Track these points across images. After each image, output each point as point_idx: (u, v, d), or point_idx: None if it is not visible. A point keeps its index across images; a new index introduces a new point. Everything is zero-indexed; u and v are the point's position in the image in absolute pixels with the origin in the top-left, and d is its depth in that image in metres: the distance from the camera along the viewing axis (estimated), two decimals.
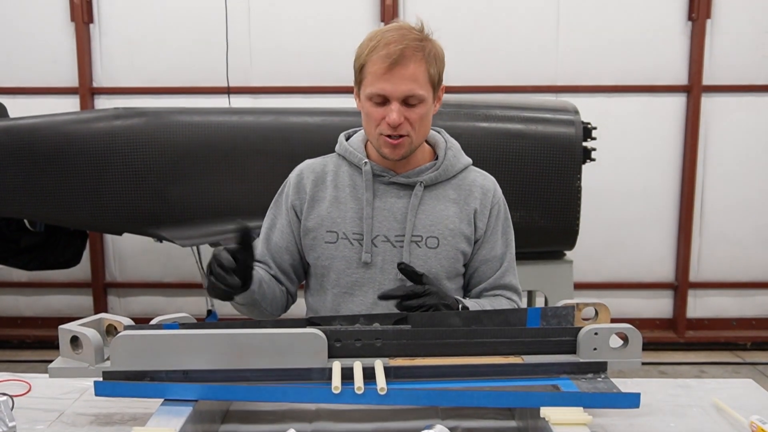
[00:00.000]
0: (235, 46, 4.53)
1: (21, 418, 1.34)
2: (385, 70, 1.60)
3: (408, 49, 1.60)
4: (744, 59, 4.64)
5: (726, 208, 4.79)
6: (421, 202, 1.74)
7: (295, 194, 1.80)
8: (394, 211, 1.74)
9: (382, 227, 1.73)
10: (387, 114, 1.63)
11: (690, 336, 4.84)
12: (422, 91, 1.63)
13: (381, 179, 1.76)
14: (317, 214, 1.77)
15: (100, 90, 4.71)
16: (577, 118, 3.20)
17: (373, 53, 1.62)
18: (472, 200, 1.78)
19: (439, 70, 1.69)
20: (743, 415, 1.39)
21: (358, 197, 1.76)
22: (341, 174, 1.79)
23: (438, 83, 1.71)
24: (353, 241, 1.74)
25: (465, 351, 1.36)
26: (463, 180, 1.80)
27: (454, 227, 1.75)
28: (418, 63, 1.61)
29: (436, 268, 1.73)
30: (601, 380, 1.31)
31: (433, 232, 1.73)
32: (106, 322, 1.37)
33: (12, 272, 4.61)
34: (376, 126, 1.67)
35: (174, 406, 1.24)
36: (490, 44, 4.62)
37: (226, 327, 1.33)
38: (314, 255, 1.78)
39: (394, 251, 1.73)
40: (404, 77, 1.60)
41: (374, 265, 1.73)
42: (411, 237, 1.72)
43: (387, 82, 1.61)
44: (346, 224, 1.74)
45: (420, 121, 1.66)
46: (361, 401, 1.24)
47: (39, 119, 3.39)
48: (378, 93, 1.62)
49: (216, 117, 3.34)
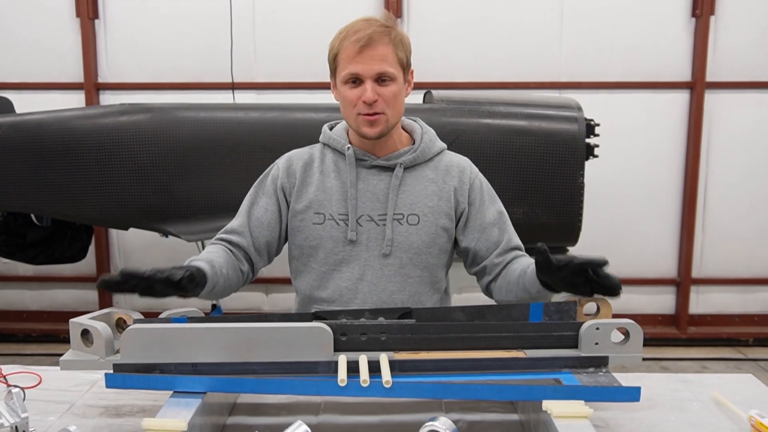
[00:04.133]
0: (239, 41, 4.55)
1: (32, 410, 1.36)
2: (356, 53, 1.72)
3: (375, 33, 1.73)
4: (747, 56, 4.64)
5: (729, 204, 4.80)
6: (401, 183, 1.85)
7: (285, 177, 1.89)
8: (376, 191, 1.84)
9: (365, 207, 1.84)
10: (362, 93, 1.74)
11: (692, 332, 4.85)
12: (392, 70, 1.75)
13: (363, 163, 1.86)
14: (305, 197, 1.86)
15: (105, 86, 4.74)
16: (580, 115, 3.22)
17: (345, 41, 1.75)
18: (449, 179, 1.88)
19: (406, 54, 1.80)
20: (742, 409, 1.41)
21: (343, 180, 1.86)
22: (326, 160, 1.90)
23: (407, 66, 1.82)
24: (339, 222, 1.84)
25: (468, 345, 1.38)
26: (439, 162, 1.91)
27: (433, 204, 1.85)
28: (386, 45, 1.74)
29: (417, 243, 1.83)
30: (602, 374, 1.32)
31: (414, 210, 1.84)
32: (116, 315, 1.39)
33: (18, 266, 4.65)
34: (353, 107, 1.78)
35: (183, 398, 1.26)
36: (494, 41, 4.64)
37: (234, 321, 1.36)
38: (302, 236, 1.87)
39: (378, 229, 1.83)
40: (374, 57, 1.73)
41: (359, 243, 1.83)
42: (393, 215, 1.83)
43: (359, 63, 1.73)
44: (332, 206, 1.84)
45: (393, 98, 1.77)
46: (367, 394, 1.26)
47: (45, 115, 3.41)
48: (351, 73, 1.74)
49: (221, 113, 3.36)
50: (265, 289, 4.93)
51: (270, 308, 4.93)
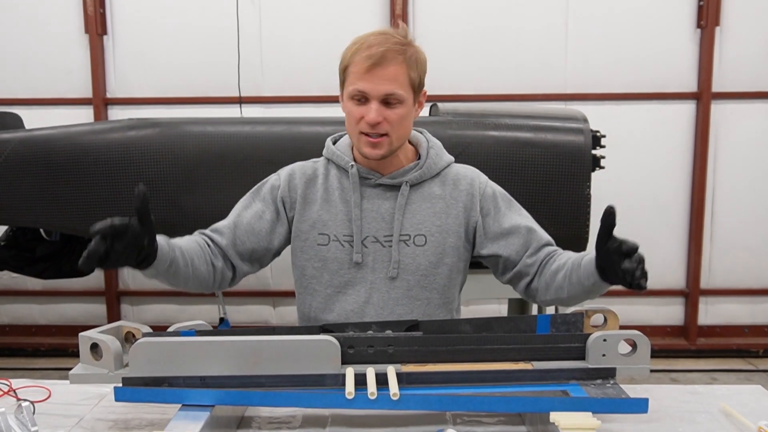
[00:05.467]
0: (246, 56, 4.58)
1: (42, 423, 1.37)
2: (366, 70, 1.66)
3: (389, 51, 1.66)
4: (753, 66, 4.65)
5: (737, 214, 4.78)
6: (407, 202, 1.79)
7: (287, 189, 1.84)
8: (381, 212, 1.79)
9: (370, 228, 1.79)
10: (366, 113, 1.68)
11: (701, 343, 4.83)
12: (402, 92, 1.68)
13: (368, 182, 1.81)
14: (309, 216, 1.81)
15: (113, 101, 4.77)
16: (585, 126, 3.22)
17: (356, 55, 1.68)
18: (457, 194, 1.82)
19: (420, 74, 1.73)
20: (751, 420, 1.41)
21: (347, 200, 1.80)
22: (330, 177, 1.84)
23: (419, 87, 1.75)
24: (344, 243, 1.78)
25: (475, 357, 1.38)
26: (446, 176, 1.85)
27: (441, 223, 1.80)
28: (398, 65, 1.66)
29: (425, 264, 1.78)
30: (609, 386, 1.33)
31: (421, 230, 1.79)
32: (125, 329, 1.40)
33: (27, 281, 4.66)
34: (356, 124, 1.71)
35: (191, 411, 1.26)
36: (500, 53, 4.65)
37: (242, 334, 1.36)
38: (305, 257, 1.82)
39: (384, 251, 1.78)
40: (384, 77, 1.66)
41: (365, 265, 1.79)
42: (399, 237, 1.77)
43: (367, 82, 1.66)
44: (336, 226, 1.79)
45: (399, 121, 1.70)
46: (374, 406, 1.26)
47: (54, 130, 3.43)
48: (358, 90, 1.68)
49: (228, 127, 3.37)
50: (272, 302, 4.93)
51: (278, 321, 4.93)
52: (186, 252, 1.68)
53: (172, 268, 1.61)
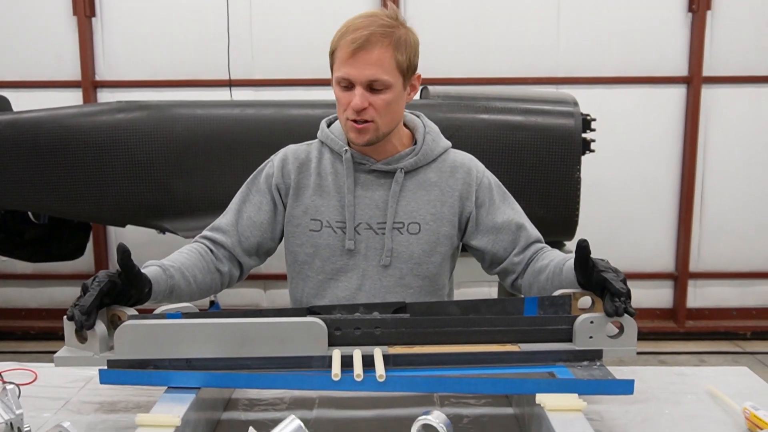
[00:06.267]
0: (236, 39, 4.54)
1: (27, 406, 1.36)
2: (349, 55, 1.62)
3: (374, 35, 1.61)
4: (744, 50, 4.65)
5: (726, 198, 4.80)
6: (402, 189, 1.77)
7: (280, 177, 1.81)
8: (375, 198, 1.77)
9: (364, 215, 1.76)
10: (352, 98, 1.65)
11: (690, 326, 4.86)
12: (387, 77, 1.63)
13: (362, 167, 1.78)
14: (302, 202, 1.79)
15: (102, 83, 4.74)
16: (576, 110, 3.21)
17: (342, 39, 1.64)
18: (454, 182, 1.80)
19: (409, 56, 1.67)
20: (737, 402, 1.41)
21: (340, 185, 1.78)
22: (324, 161, 1.81)
23: (409, 70, 1.69)
24: (336, 229, 1.77)
25: (463, 339, 1.38)
26: (443, 162, 1.82)
27: (436, 211, 1.78)
28: (383, 49, 1.62)
29: (418, 252, 1.77)
30: (596, 368, 1.33)
31: (415, 218, 1.76)
32: (111, 312, 1.39)
33: (16, 264, 4.64)
34: (344, 110, 1.69)
35: (177, 393, 1.26)
36: (491, 36, 4.64)
37: (227, 316, 1.36)
38: (297, 242, 1.80)
39: (377, 238, 1.76)
40: (368, 62, 1.62)
41: (358, 252, 1.77)
42: (393, 224, 1.75)
43: (351, 67, 1.63)
44: (329, 212, 1.77)
45: (385, 107, 1.66)
46: (361, 388, 1.26)
47: (42, 113, 3.41)
48: (343, 77, 1.65)
49: (218, 110, 3.35)
50: (263, 285, 4.93)
51: (268, 305, 4.93)
52: (187, 270, 1.65)
53: (174, 294, 1.60)
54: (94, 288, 1.31)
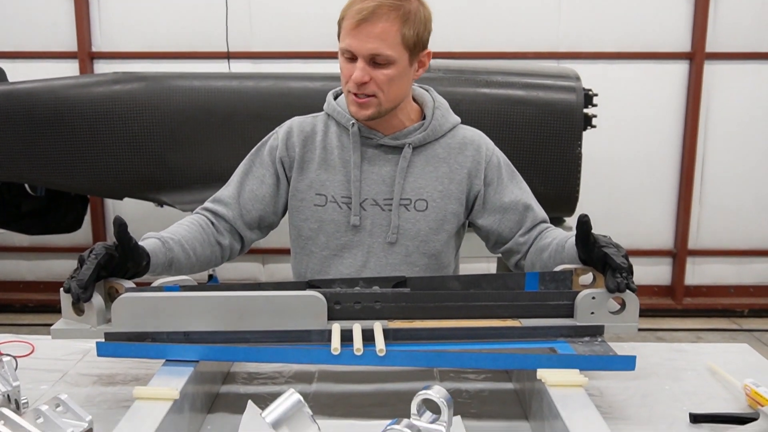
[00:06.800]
0: (234, 10, 4.49)
1: (25, 379, 1.35)
2: (354, 26, 1.57)
3: (382, 6, 1.56)
4: (747, 26, 4.60)
5: (726, 176, 4.79)
6: (409, 165, 1.73)
7: (285, 150, 1.77)
8: (382, 174, 1.73)
9: (370, 191, 1.73)
10: (354, 71, 1.61)
11: (688, 303, 4.87)
12: (390, 52, 1.58)
13: (369, 141, 1.74)
14: (307, 176, 1.76)
15: (99, 54, 4.69)
16: (578, 85, 3.19)
17: (351, 8, 1.60)
18: (463, 159, 1.76)
19: (417, 32, 1.61)
20: (737, 378, 1.41)
21: (346, 159, 1.74)
22: (330, 135, 1.77)
23: (417, 47, 1.64)
24: (342, 205, 1.73)
25: (463, 314, 1.36)
26: (452, 138, 1.78)
27: (443, 188, 1.74)
28: (390, 22, 1.56)
29: (425, 230, 1.74)
30: (597, 343, 1.32)
31: (422, 195, 1.73)
32: (108, 284, 1.37)
33: (14, 237, 4.63)
34: (346, 82, 1.65)
35: (175, 366, 1.24)
36: (492, 10, 4.59)
37: (226, 289, 1.34)
38: (301, 217, 1.77)
39: (383, 215, 1.73)
40: (371, 35, 1.57)
41: (363, 228, 1.74)
42: (399, 201, 1.72)
43: (354, 39, 1.58)
44: (334, 187, 1.74)
45: (387, 83, 1.61)
46: (360, 362, 1.25)
47: (38, 84, 3.38)
48: (346, 48, 1.61)
49: (216, 82, 3.32)
50: (262, 259, 4.92)
51: (267, 279, 4.93)
52: (187, 242, 1.62)
53: (173, 267, 1.57)
54: (91, 260, 1.29)
